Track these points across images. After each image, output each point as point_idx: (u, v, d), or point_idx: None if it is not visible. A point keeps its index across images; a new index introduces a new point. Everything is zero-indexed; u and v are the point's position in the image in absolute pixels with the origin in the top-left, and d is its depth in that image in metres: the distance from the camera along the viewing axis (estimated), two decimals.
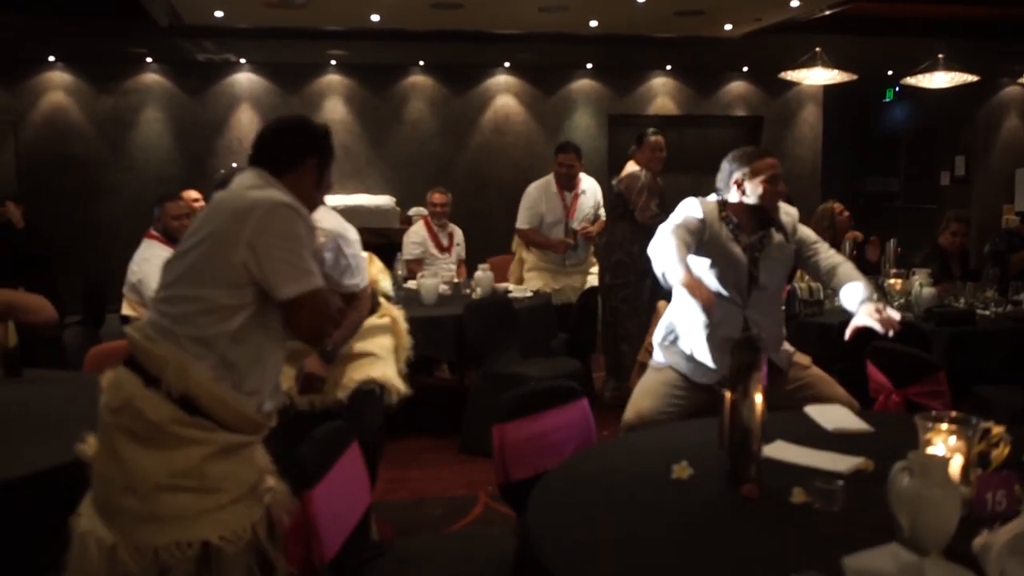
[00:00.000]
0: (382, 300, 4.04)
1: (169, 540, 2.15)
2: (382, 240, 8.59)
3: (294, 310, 2.28)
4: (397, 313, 4.13)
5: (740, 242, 3.43)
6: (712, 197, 3.53)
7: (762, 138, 10.96)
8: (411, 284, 6.02)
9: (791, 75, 8.06)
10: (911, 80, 8.18)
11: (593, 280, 6.38)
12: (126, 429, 2.18)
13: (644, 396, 3.52)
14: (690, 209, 3.42)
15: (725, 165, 3.49)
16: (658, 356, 3.64)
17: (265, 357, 2.34)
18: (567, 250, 6.30)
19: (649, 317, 5.01)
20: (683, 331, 3.52)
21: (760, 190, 3.38)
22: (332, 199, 9.44)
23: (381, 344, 3.95)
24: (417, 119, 10.42)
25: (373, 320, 3.86)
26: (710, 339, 3.41)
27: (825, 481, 2.14)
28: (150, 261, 4.94)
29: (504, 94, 10.54)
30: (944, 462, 1.90)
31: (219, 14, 7.14)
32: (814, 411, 2.88)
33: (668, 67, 10.61)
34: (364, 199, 9.67)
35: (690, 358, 3.50)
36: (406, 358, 4.16)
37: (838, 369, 4.62)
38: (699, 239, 3.34)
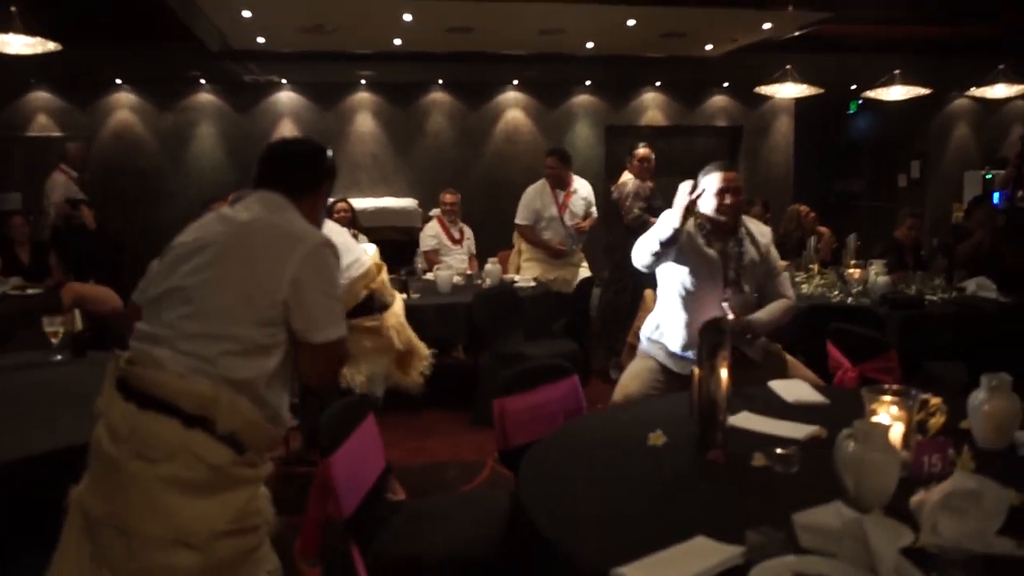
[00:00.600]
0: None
1: None
2: (406, 237, 8.63)
3: (320, 353, 2.02)
4: (393, 322, 3.84)
5: (713, 247, 3.37)
6: None
7: (741, 146, 10.90)
8: (429, 275, 6.02)
9: (765, 89, 7.99)
10: (871, 93, 8.09)
11: (584, 272, 6.36)
12: (174, 479, 1.80)
13: (631, 380, 3.50)
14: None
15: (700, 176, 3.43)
16: (644, 346, 3.61)
17: (288, 387, 2.08)
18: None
19: (638, 304, 5.01)
20: (667, 328, 3.50)
21: (713, 203, 3.34)
22: (363, 202, 9.51)
23: (359, 345, 3.67)
24: (437, 131, 10.40)
25: (363, 322, 3.65)
26: (690, 335, 3.36)
27: (783, 447, 2.12)
28: None
29: (513, 108, 10.50)
30: (885, 429, 1.88)
31: (261, 40, 7.15)
32: (777, 385, 2.85)
33: (658, 83, 10.55)
34: (391, 201, 9.70)
35: (672, 354, 3.47)
36: (397, 355, 3.87)
37: (802, 349, 4.61)
38: (677, 245, 3.26)
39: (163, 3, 5.73)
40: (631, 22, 6.43)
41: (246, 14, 5.99)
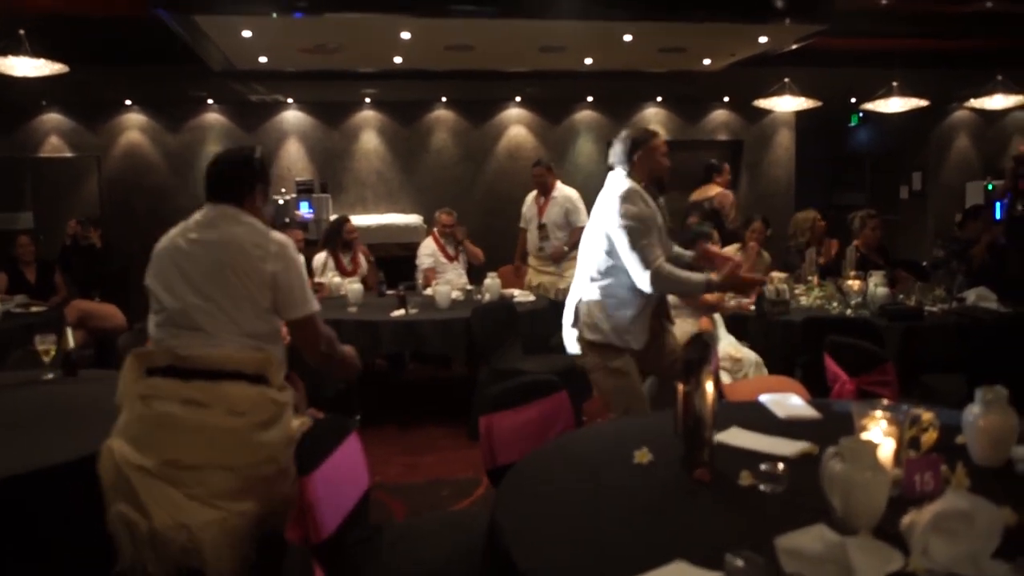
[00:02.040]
0: None
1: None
2: (410, 253, 8.55)
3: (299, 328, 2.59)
4: None
5: (660, 208, 3.52)
6: (618, 176, 3.50)
7: (743, 160, 10.79)
8: (428, 291, 5.95)
9: (763, 103, 7.91)
10: (870, 105, 8.00)
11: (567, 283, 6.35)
12: (260, 422, 2.33)
13: (640, 396, 3.54)
14: (644, 210, 3.37)
15: (623, 144, 3.48)
16: (616, 341, 3.51)
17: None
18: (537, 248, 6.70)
19: None
20: (623, 311, 3.47)
21: (659, 163, 3.49)
22: (368, 218, 9.46)
23: None
24: (441, 148, 10.34)
25: None
26: (638, 310, 3.47)
27: (770, 464, 2.01)
28: None
29: (516, 125, 10.43)
30: (872, 447, 1.77)
31: (263, 59, 7.10)
32: (768, 400, 2.74)
33: (659, 98, 10.47)
34: (395, 218, 9.64)
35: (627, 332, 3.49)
36: None
37: (800, 362, 4.49)
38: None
39: (166, 25, 5.69)
40: (628, 37, 6.35)
41: (246, 34, 5.94)
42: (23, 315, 5.55)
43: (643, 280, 3.32)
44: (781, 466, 1.98)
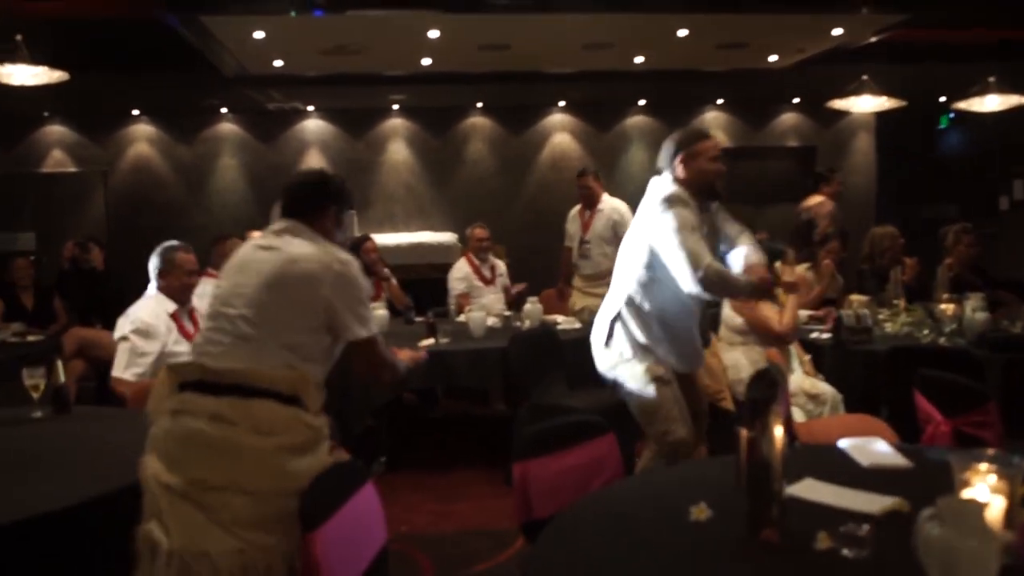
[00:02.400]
0: None
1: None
2: (442, 275, 8.50)
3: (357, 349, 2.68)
4: None
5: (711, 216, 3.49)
6: (661, 182, 3.45)
7: (815, 168, 10.59)
8: (461, 317, 5.87)
9: (839, 104, 7.73)
10: (963, 104, 7.77)
11: None
12: (288, 445, 2.38)
13: (682, 411, 3.45)
14: (688, 216, 3.30)
15: (669, 146, 3.46)
16: (651, 359, 3.47)
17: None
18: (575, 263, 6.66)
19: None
20: (669, 318, 3.46)
21: (709, 168, 3.41)
22: (397, 237, 9.45)
23: None
24: (477, 159, 10.33)
25: None
26: (687, 328, 3.51)
27: (853, 525, 1.87)
28: (205, 298, 4.87)
29: (560, 132, 10.40)
30: (979, 508, 1.62)
31: (279, 63, 7.14)
32: (849, 444, 2.59)
33: (720, 100, 10.36)
34: (427, 236, 9.63)
35: (680, 355, 3.51)
36: None
37: (885, 398, 4.31)
38: None
39: (171, 28, 5.74)
40: (683, 32, 6.26)
41: (258, 35, 5.97)
42: (18, 345, 5.60)
43: (692, 282, 3.23)
44: (865, 527, 1.84)
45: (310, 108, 9.95)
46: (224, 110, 9.86)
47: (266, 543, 2.30)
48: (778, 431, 1.98)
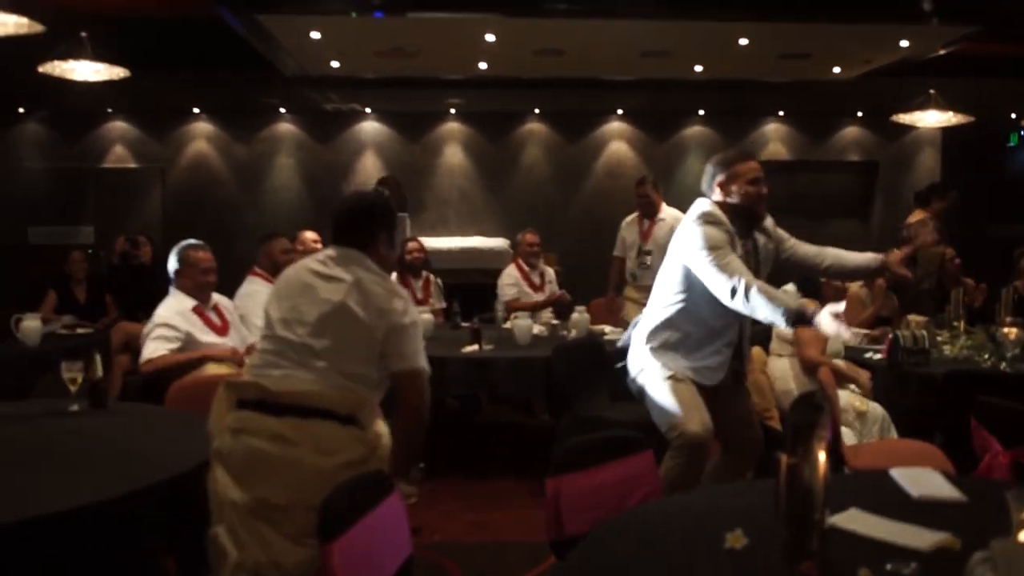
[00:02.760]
0: None
1: None
2: (492, 281, 8.44)
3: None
4: None
5: (742, 245, 3.35)
6: (700, 204, 3.40)
7: (877, 183, 10.35)
8: (508, 324, 5.81)
9: (904, 118, 7.49)
10: None
11: None
12: (347, 463, 2.44)
13: (696, 409, 3.33)
14: (716, 232, 3.22)
15: (708, 168, 3.43)
16: (672, 371, 3.40)
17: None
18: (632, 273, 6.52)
19: None
20: (689, 344, 3.40)
21: (750, 191, 3.30)
22: (449, 241, 9.42)
23: None
24: (532, 164, 10.27)
25: None
26: (713, 346, 3.39)
27: (899, 562, 1.76)
28: (252, 296, 4.92)
29: (617, 140, 10.30)
30: None
31: (336, 64, 7.15)
32: (899, 474, 2.45)
33: (781, 112, 10.16)
34: (479, 241, 9.59)
35: (697, 369, 3.41)
36: None
37: (940, 424, 4.14)
38: None
39: (229, 27, 5.77)
40: (743, 41, 6.12)
41: (315, 35, 5.98)
42: (67, 337, 5.66)
43: (730, 294, 3.12)
44: (913, 565, 1.72)
45: (367, 110, 9.98)
46: (282, 110, 9.95)
47: None
48: (821, 457, 1.88)
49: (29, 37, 5.32)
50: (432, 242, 8.93)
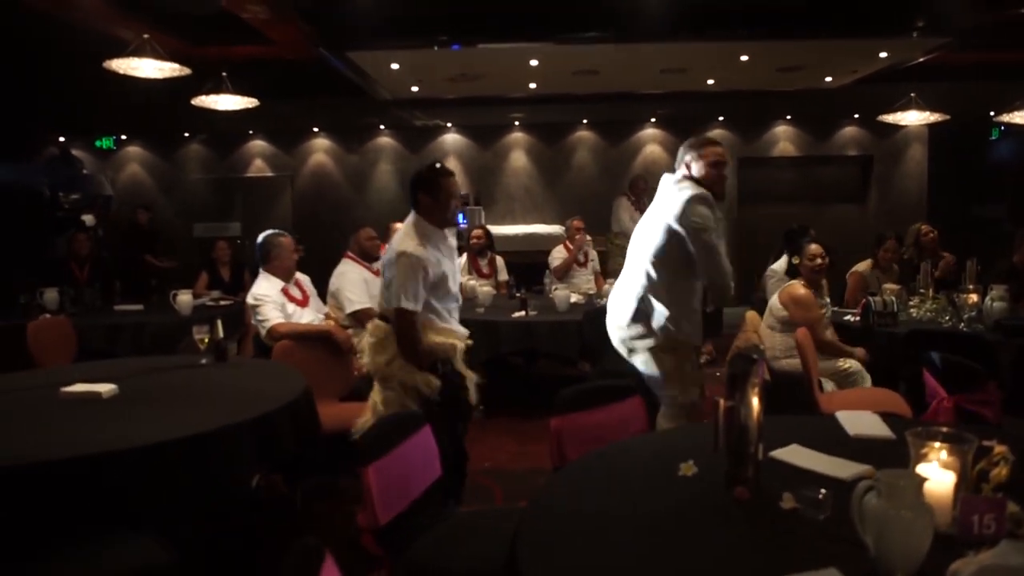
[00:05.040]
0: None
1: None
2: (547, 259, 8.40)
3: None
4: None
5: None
6: (671, 179, 3.16)
7: (872, 173, 9.90)
8: (552, 294, 5.75)
9: (889, 118, 7.12)
10: (1005, 118, 7.03)
11: None
12: (385, 341, 2.99)
13: (690, 384, 3.18)
14: (707, 213, 3.00)
15: (680, 150, 3.19)
16: (671, 336, 3.14)
17: None
18: None
19: None
20: (682, 310, 3.11)
21: (704, 171, 3.08)
22: (515, 228, 9.38)
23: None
24: (582, 165, 10.13)
25: None
26: (694, 307, 3.15)
27: (814, 489, 1.68)
28: (345, 275, 4.96)
29: (651, 144, 10.07)
30: (917, 481, 1.41)
31: (415, 88, 7.15)
32: (843, 416, 2.35)
33: (788, 116, 9.78)
34: (539, 228, 9.54)
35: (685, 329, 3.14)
36: None
37: (903, 376, 3.95)
38: None
39: (329, 64, 5.82)
40: (744, 57, 5.89)
41: (394, 66, 5.99)
42: (212, 307, 5.83)
43: (727, 282, 3.02)
44: (823, 491, 1.64)
45: (448, 124, 9.98)
46: (381, 127, 10.02)
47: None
48: (755, 401, 1.80)
49: (181, 78, 5.48)
50: (501, 229, 8.90)
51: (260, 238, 4.19)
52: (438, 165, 3.12)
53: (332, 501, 3.45)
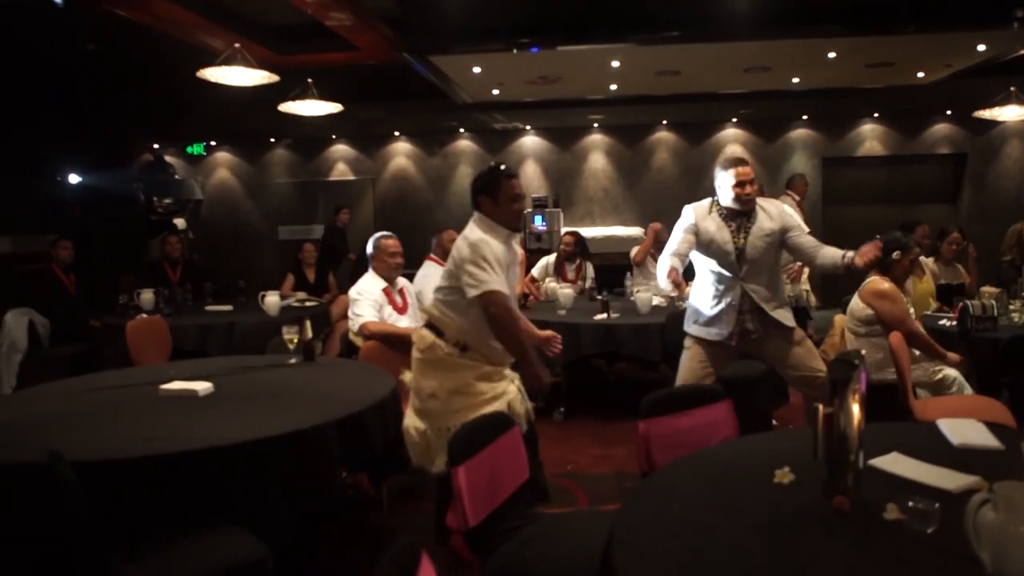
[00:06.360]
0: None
1: (457, 422, 2.59)
2: (629, 261, 8.31)
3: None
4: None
5: (729, 226, 3.47)
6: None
7: (966, 173, 9.44)
8: (633, 297, 5.70)
9: (986, 114, 6.78)
10: None
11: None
12: (429, 362, 2.81)
13: (684, 374, 3.62)
14: (684, 219, 3.56)
15: (715, 167, 3.58)
16: (690, 332, 3.65)
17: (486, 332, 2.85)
18: None
19: None
20: (701, 307, 3.58)
21: (731, 194, 3.44)
22: (595, 231, 9.35)
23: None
24: (661, 167, 10.01)
25: None
26: (717, 307, 3.51)
27: (923, 500, 1.61)
28: (428, 277, 5.03)
29: (732, 144, 9.87)
30: None
31: (496, 92, 7.20)
32: (944, 424, 2.25)
33: (876, 114, 9.43)
34: (619, 230, 9.50)
35: (708, 324, 3.55)
36: None
37: (1006, 382, 3.76)
38: (695, 239, 3.50)
39: (412, 68, 5.92)
40: (832, 54, 5.70)
41: (476, 70, 6.04)
42: (299, 308, 6.01)
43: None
44: (936, 504, 1.58)
45: (527, 127, 10.02)
46: (461, 130, 10.13)
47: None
48: (855, 408, 1.75)
49: (270, 85, 5.66)
50: (580, 232, 8.87)
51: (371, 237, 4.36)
52: (501, 167, 3.01)
53: (415, 501, 3.51)
